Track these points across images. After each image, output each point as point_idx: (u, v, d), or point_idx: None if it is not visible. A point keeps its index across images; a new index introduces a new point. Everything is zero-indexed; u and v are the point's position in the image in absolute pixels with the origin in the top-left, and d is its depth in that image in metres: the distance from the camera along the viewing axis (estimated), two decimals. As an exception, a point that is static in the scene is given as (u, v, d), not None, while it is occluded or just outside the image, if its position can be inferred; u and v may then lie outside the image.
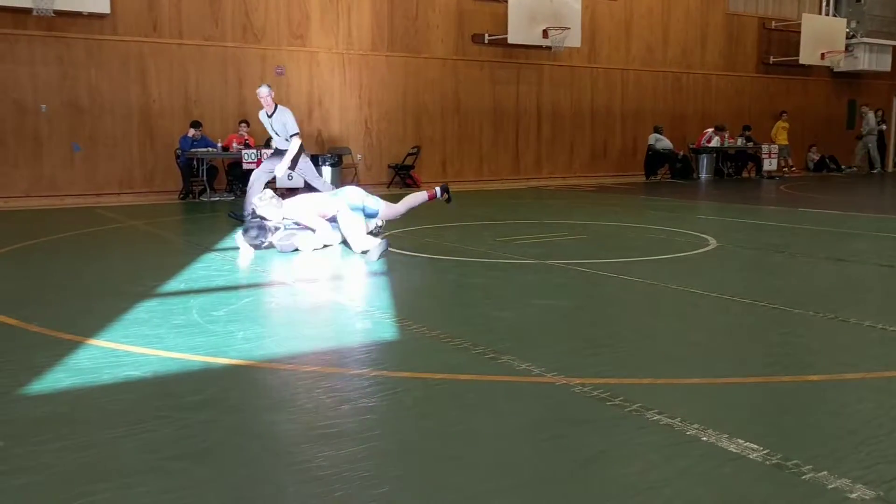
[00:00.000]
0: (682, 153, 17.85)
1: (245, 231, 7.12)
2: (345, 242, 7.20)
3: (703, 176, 17.81)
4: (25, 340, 4.09)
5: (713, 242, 7.55)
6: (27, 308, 4.78)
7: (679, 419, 2.90)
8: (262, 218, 7.21)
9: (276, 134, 9.10)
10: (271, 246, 7.02)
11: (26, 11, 11.53)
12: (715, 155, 18.03)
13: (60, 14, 11.74)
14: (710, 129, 17.85)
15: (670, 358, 3.83)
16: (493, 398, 3.22)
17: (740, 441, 2.69)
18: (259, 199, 7.36)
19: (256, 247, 7.01)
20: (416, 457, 2.65)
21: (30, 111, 12.05)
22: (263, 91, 8.98)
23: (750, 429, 2.81)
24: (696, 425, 2.83)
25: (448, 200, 7.54)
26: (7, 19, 11.72)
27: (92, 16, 12.17)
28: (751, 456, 2.58)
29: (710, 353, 3.95)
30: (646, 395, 3.19)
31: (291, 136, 8.89)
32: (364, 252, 6.72)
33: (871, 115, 20.21)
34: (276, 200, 7.29)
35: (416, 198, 7.48)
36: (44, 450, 2.67)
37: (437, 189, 7.49)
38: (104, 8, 12.11)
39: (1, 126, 11.88)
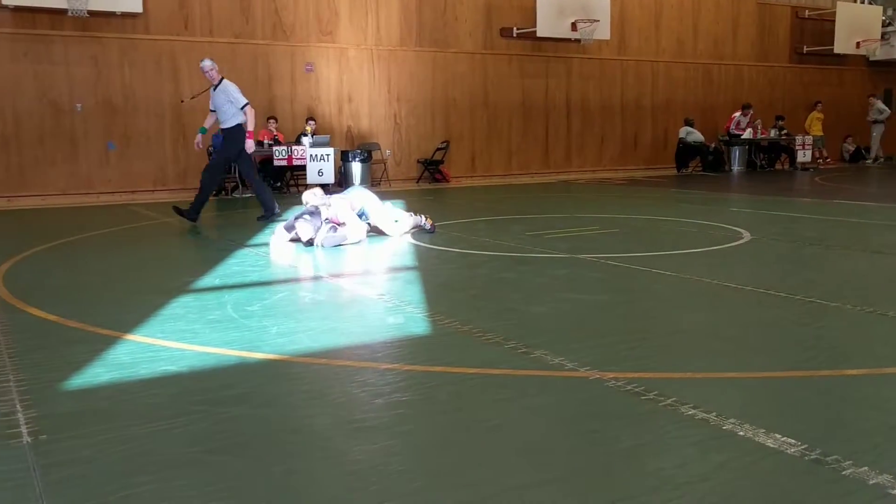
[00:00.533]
0: (713, 145, 17.65)
1: (297, 219, 7.13)
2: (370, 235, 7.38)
3: (736, 168, 17.59)
4: (64, 336, 4.17)
5: (747, 235, 7.46)
6: (66, 304, 4.87)
7: (715, 414, 2.87)
8: (315, 208, 7.26)
9: (220, 109, 8.92)
10: (311, 243, 7.03)
11: (62, 12, 11.71)
12: (747, 147, 17.80)
13: (94, 14, 11.92)
14: (738, 113, 17.57)
15: (705, 352, 3.80)
16: (527, 393, 3.22)
17: (778, 436, 2.66)
18: (313, 195, 7.47)
19: (309, 242, 7.04)
20: (451, 451, 2.65)
21: (66, 111, 12.25)
22: (207, 64, 8.87)
23: (788, 423, 2.78)
24: (732, 420, 2.81)
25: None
26: (44, 20, 11.93)
27: (125, 15, 12.33)
28: (789, 451, 2.55)
29: (745, 347, 3.91)
30: (681, 389, 3.17)
31: (243, 107, 8.85)
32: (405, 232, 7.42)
33: (880, 103, 19.69)
34: (325, 198, 7.42)
35: (416, 220, 7.90)
36: (85, 443, 2.72)
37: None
38: (137, 7, 12.27)
39: (39, 126, 12.09)
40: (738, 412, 2.89)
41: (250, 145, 8.94)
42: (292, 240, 7.10)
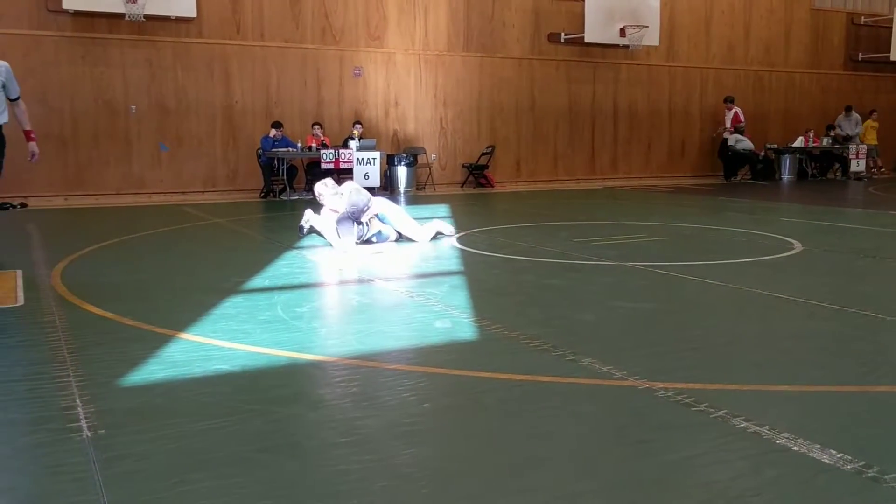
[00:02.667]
0: (763, 153, 17.36)
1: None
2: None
3: (786, 177, 17.28)
4: (121, 333, 4.27)
5: (798, 246, 7.33)
6: (121, 302, 4.99)
7: (767, 427, 2.83)
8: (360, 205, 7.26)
9: None
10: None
11: (119, 16, 12.02)
12: (798, 155, 17.47)
13: (150, 18, 12.20)
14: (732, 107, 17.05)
15: (756, 364, 3.74)
16: (576, 401, 3.21)
17: (833, 452, 2.61)
18: (324, 186, 7.35)
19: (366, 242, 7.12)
20: (501, 457, 2.66)
21: (121, 112, 12.55)
22: None
23: (844, 439, 2.73)
24: (785, 434, 2.77)
25: None
26: (102, 24, 12.24)
27: (179, 19, 12.60)
28: (845, 467, 2.50)
29: (798, 359, 3.85)
30: (732, 401, 3.13)
31: (17, 98, 6.69)
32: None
33: (854, 116, 18.56)
34: (336, 188, 7.34)
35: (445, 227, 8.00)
36: (142, 439, 2.78)
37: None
38: (191, 12, 12.53)
39: (94, 127, 12.41)
40: (791, 426, 2.84)
41: (32, 149, 6.65)
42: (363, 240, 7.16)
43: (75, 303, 4.97)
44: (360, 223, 7.15)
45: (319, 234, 7.35)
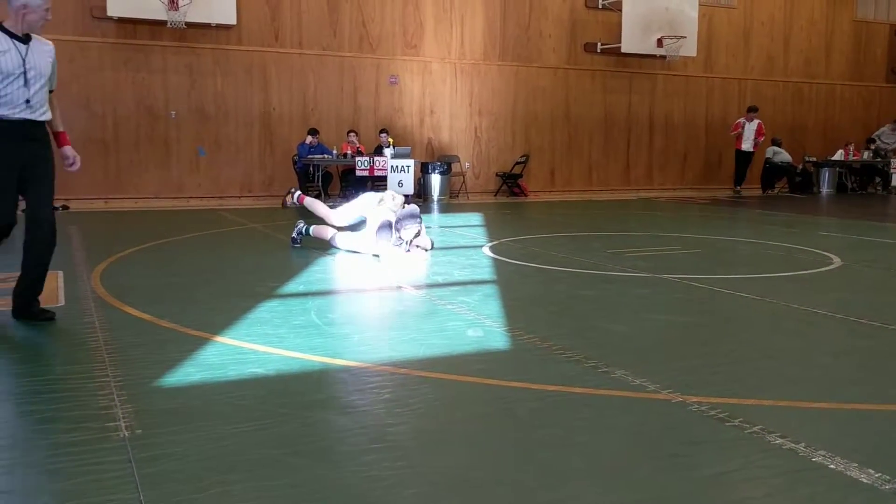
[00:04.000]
0: (801, 166, 17.12)
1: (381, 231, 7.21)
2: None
3: (825, 190, 17.03)
4: (158, 335, 4.34)
5: (837, 261, 7.21)
6: (159, 304, 5.07)
7: (803, 444, 2.80)
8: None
9: (41, 80, 4.55)
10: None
11: (161, 23, 12.24)
12: (837, 168, 17.20)
13: (191, 26, 12.41)
14: (742, 118, 16.49)
15: (792, 380, 3.69)
16: (608, 413, 3.19)
17: (871, 471, 2.57)
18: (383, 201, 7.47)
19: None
20: (532, 467, 2.66)
21: (161, 117, 12.78)
22: None
23: (882, 459, 2.69)
24: (822, 452, 2.73)
25: None
26: (145, 31, 12.49)
27: (219, 27, 12.80)
28: (883, 487, 2.46)
29: (836, 376, 3.79)
30: (767, 417, 3.10)
31: (52, 90, 4.74)
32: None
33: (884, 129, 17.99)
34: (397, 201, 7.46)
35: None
36: (178, 439, 2.83)
37: None
38: (231, 19, 12.73)
39: (135, 131, 12.65)
40: (828, 444, 2.80)
41: (71, 154, 4.93)
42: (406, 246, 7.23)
43: (114, 304, 5.07)
44: (400, 238, 7.15)
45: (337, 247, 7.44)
